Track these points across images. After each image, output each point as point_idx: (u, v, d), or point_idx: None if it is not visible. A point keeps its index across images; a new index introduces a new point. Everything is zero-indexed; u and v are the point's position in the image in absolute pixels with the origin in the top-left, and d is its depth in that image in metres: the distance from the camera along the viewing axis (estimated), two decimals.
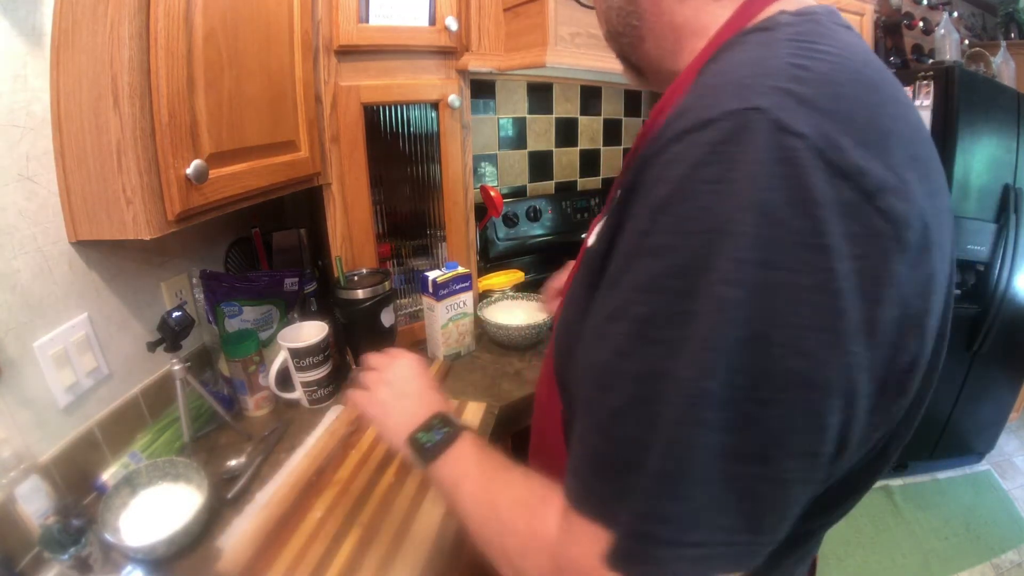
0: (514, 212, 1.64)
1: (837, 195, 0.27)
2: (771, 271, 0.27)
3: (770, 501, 0.29)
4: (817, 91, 0.29)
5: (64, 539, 0.62)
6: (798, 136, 0.27)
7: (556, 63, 1.05)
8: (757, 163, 0.27)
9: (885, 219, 0.27)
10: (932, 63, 2.13)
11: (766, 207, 0.27)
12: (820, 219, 0.26)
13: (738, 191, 0.27)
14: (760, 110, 0.28)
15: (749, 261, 0.27)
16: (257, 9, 0.81)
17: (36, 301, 0.72)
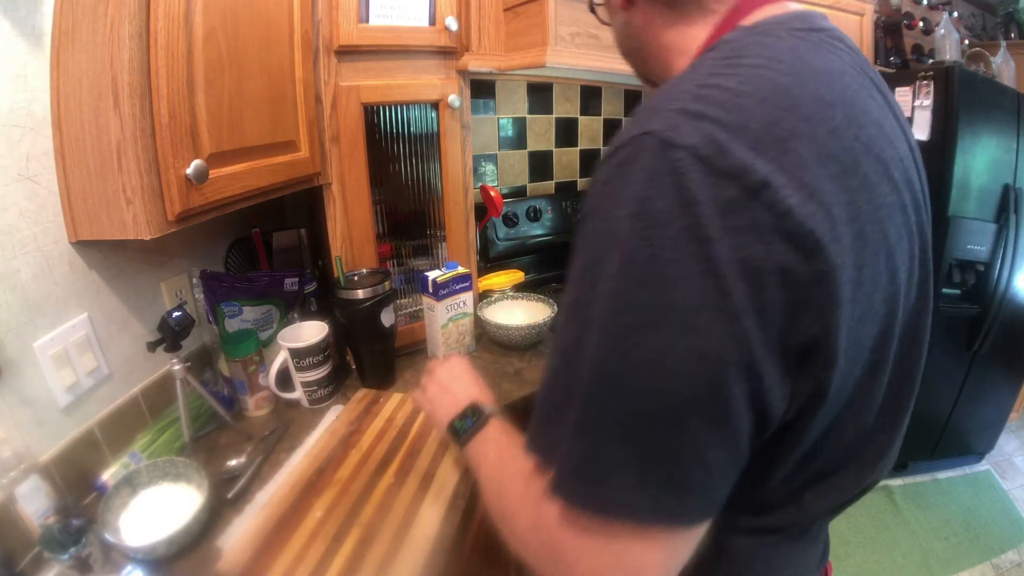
0: (514, 212, 1.64)
1: (718, 193, 0.31)
2: (659, 264, 0.31)
3: (680, 462, 0.33)
4: (713, 105, 0.33)
5: (64, 539, 0.62)
6: (683, 148, 0.31)
7: (556, 63, 1.05)
8: (644, 176, 0.32)
9: (769, 212, 0.31)
10: (932, 63, 2.13)
11: (651, 210, 0.32)
12: (699, 215, 0.31)
13: (628, 200, 0.33)
14: (650, 133, 0.33)
15: (636, 259, 0.32)
16: (257, 9, 0.81)
17: (36, 301, 0.72)
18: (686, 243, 0.31)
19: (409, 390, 1.06)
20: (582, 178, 1.95)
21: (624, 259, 0.33)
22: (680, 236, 0.31)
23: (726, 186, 0.31)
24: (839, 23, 1.73)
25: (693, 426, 0.32)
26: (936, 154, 1.77)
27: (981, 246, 1.85)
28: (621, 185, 0.33)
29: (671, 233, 0.31)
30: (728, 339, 0.31)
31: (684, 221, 0.31)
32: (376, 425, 0.95)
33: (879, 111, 0.41)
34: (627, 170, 0.33)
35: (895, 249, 0.38)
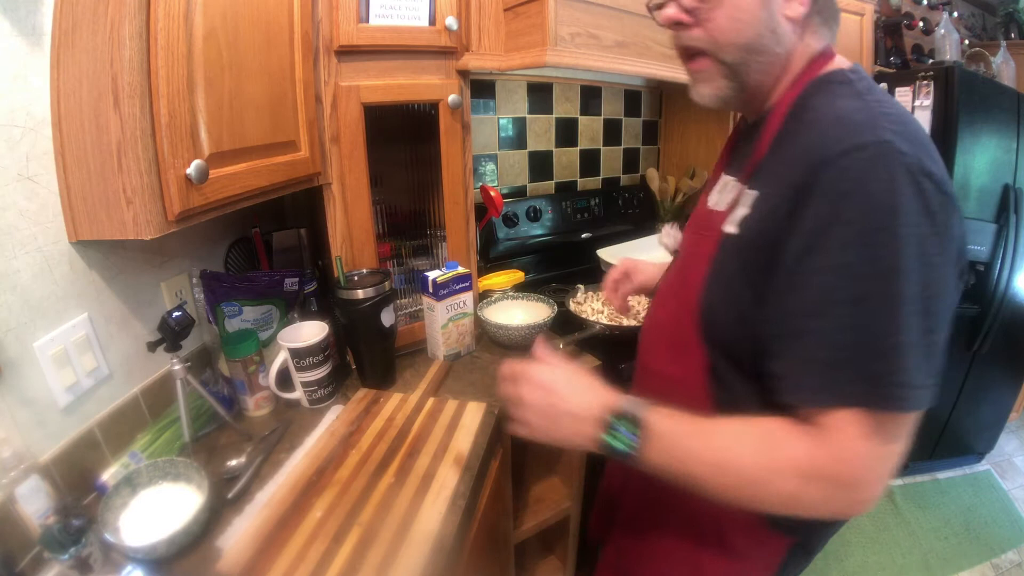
0: (514, 212, 1.64)
1: (929, 187, 0.48)
2: (920, 227, 0.47)
3: (937, 356, 0.50)
4: (904, 129, 0.50)
5: (64, 539, 0.62)
6: (907, 154, 0.48)
7: (556, 63, 1.05)
8: (898, 171, 0.48)
9: (949, 199, 0.49)
10: (932, 63, 2.13)
11: (909, 194, 0.47)
12: (928, 199, 0.48)
13: (893, 188, 0.47)
14: (889, 141, 0.48)
15: (912, 223, 0.47)
16: (257, 9, 0.81)
17: (36, 301, 0.72)
18: (925, 216, 0.47)
19: (409, 390, 1.06)
20: (582, 178, 1.96)
21: (908, 225, 0.47)
22: (922, 212, 0.48)
23: (928, 183, 0.48)
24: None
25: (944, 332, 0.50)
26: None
27: (981, 246, 1.85)
28: (880, 177, 0.48)
29: (917, 210, 0.47)
30: (949, 274, 0.50)
31: (920, 204, 0.47)
32: (376, 425, 0.95)
33: None
34: (882, 167, 0.48)
35: None
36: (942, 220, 0.48)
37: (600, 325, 1.23)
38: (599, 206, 1.84)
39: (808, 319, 0.50)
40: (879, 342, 0.48)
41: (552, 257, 1.76)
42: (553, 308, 1.28)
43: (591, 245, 1.71)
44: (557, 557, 1.48)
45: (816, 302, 0.50)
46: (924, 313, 0.47)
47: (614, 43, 1.17)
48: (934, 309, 0.48)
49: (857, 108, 0.53)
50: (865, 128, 0.50)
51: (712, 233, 0.63)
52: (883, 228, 0.47)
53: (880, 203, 0.47)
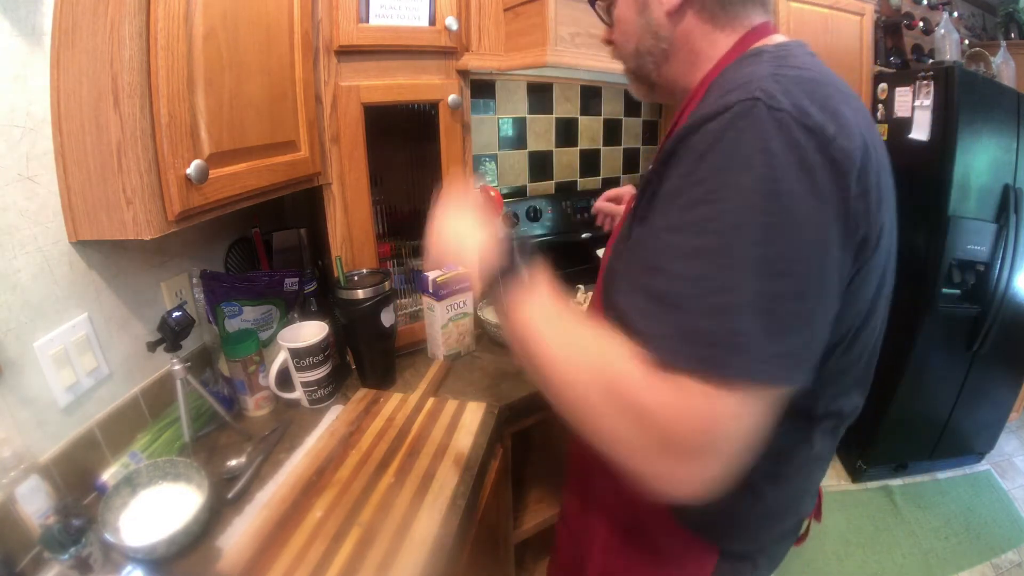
0: (514, 212, 1.64)
1: (809, 140, 0.44)
2: (780, 183, 0.43)
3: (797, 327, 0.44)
4: (789, 85, 0.46)
5: (64, 539, 0.62)
6: (781, 110, 0.44)
7: (556, 63, 1.05)
8: (761, 126, 0.44)
9: (841, 152, 0.44)
10: (932, 63, 2.13)
11: (771, 150, 0.43)
12: (804, 153, 0.43)
13: (750, 142, 0.44)
14: (757, 98, 0.45)
15: (765, 177, 0.43)
16: (257, 9, 0.81)
17: (36, 301, 0.72)
18: (797, 171, 0.43)
19: (409, 390, 1.06)
20: (582, 178, 1.95)
21: (761, 179, 0.44)
22: (793, 166, 0.43)
23: (811, 137, 0.44)
24: (839, 23, 1.74)
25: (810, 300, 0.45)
26: (936, 154, 1.77)
27: (981, 246, 1.85)
28: (740, 132, 0.45)
29: (786, 164, 0.43)
30: (827, 226, 0.44)
31: (792, 157, 0.43)
32: (376, 425, 0.95)
33: None
34: (744, 123, 0.45)
35: (892, 203, 0.52)
36: (822, 179, 0.43)
37: None
38: None
39: (650, 274, 0.47)
40: (710, 299, 0.43)
41: (552, 257, 1.75)
42: None
43: (591, 245, 1.70)
44: None
45: (659, 256, 0.47)
46: (777, 274, 0.42)
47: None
48: (791, 272, 0.43)
49: (749, 73, 0.50)
50: (739, 89, 0.47)
51: (624, 219, 0.67)
52: (733, 185, 0.44)
53: (735, 159, 0.44)
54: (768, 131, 0.44)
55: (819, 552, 1.83)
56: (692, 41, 0.60)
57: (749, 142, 0.44)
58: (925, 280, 1.84)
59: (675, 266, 0.46)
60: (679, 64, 0.62)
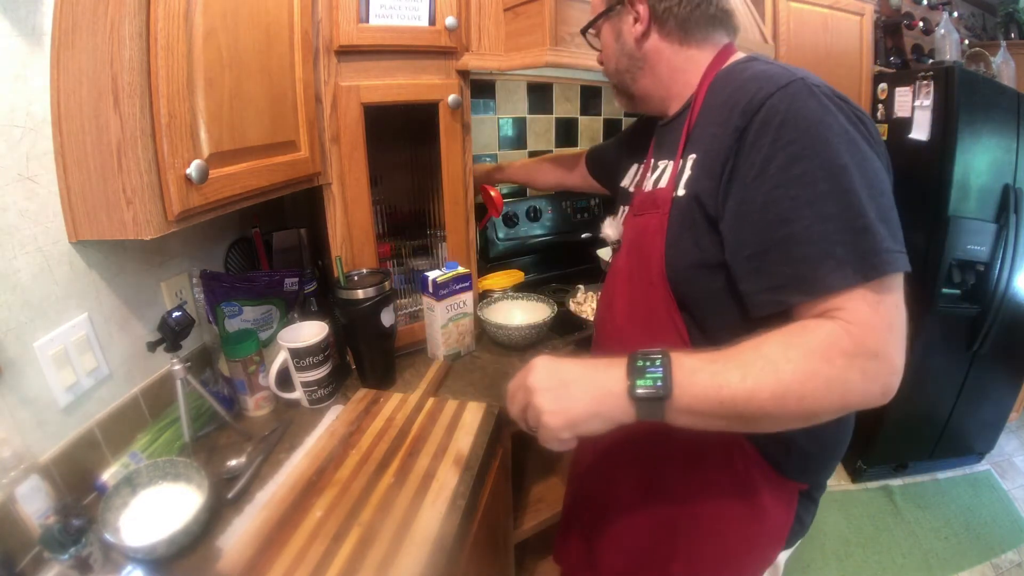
0: (514, 212, 1.64)
1: (843, 106, 0.57)
2: (849, 133, 0.55)
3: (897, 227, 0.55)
4: (806, 73, 0.59)
5: (64, 539, 0.62)
6: (820, 86, 0.58)
7: (556, 63, 1.05)
8: (815, 97, 0.56)
9: (858, 110, 0.58)
10: (932, 63, 2.13)
11: (832, 111, 0.56)
12: (846, 112, 0.57)
13: (815, 108, 0.56)
14: (800, 78, 0.58)
15: (840, 131, 0.55)
16: (257, 9, 0.81)
17: (36, 301, 0.72)
18: (849, 130, 0.55)
19: (409, 390, 1.06)
20: None
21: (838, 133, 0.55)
22: (847, 130, 0.55)
23: (845, 108, 0.57)
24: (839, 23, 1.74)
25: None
26: (936, 154, 1.77)
27: (981, 246, 1.85)
28: (802, 105, 0.56)
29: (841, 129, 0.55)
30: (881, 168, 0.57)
31: (842, 124, 0.56)
32: (376, 425, 0.95)
33: None
34: (803, 97, 0.56)
35: None
36: (864, 128, 0.57)
37: None
38: (599, 206, 1.84)
39: (782, 226, 0.55)
40: (853, 224, 0.53)
41: (552, 257, 1.76)
42: (553, 308, 1.28)
43: (591, 245, 1.70)
44: (556, 559, 1.48)
45: (786, 210, 0.55)
46: (875, 195, 0.54)
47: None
48: (880, 191, 0.55)
49: (767, 67, 0.63)
50: (780, 75, 0.59)
51: (661, 206, 0.69)
52: (820, 139, 0.54)
53: (811, 121, 0.55)
54: (821, 101, 0.56)
55: (819, 552, 1.83)
56: (666, 59, 0.73)
57: (814, 108, 0.55)
58: (925, 280, 1.84)
59: (805, 212, 0.54)
60: (655, 77, 0.75)
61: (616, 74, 0.80)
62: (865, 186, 0.53)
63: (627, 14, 0.73)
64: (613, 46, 0.78)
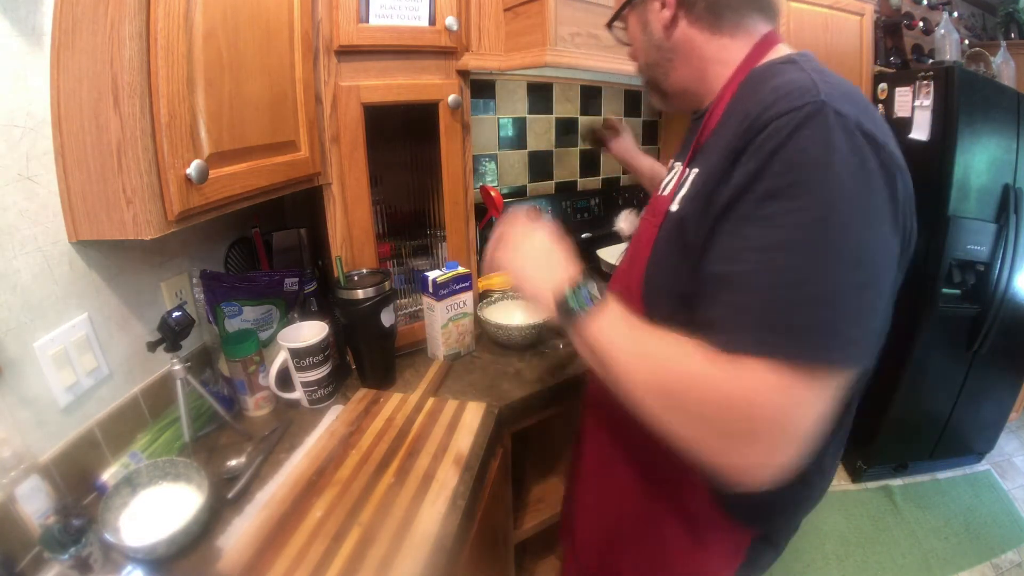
0: None
1: (867, 145, 0.48)
2: (850, 181, 0.46)
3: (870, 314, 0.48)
4: (843, 95, 0.50)
5: (64, 539, 0.62)
6: (846, 116, 0.48)
7: (556, 63, 1.05)
8: (831, 128, 0.47)
9: (890, 159, 0.49)
10: (932, 63, 2.13)
11: (840, 149, 0.47)
12: (865, 156, 0.47)
13: (822, 142, 0.47)
14: (824, 102, 0.48)
15: (839, 175, 0.46)
16: (257, 9, 0.81)
17: (36, 301, 0.72)
18: (860, 170, 0.47)
19: (409, 390, 1.06)
20: (582, 178, 1.96)
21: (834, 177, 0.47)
22: (857, 166, 0.47)
23: (865, 141, 0.48)
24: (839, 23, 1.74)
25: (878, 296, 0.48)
26: (936, 154, 1.77)
27: (981, 246, 1.85)
28: (812, 131, 0.47)
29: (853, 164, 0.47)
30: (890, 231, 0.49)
31: (856, 159, 0.47)
32: (376, 425, 0.95)
33: None
34: (815, 122, 0.47)
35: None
36: (880, 179, 0.47)
37: None
38: (599, 206, 1.84)
39: (732, 265, 0.49)
40: (801, 290, 0.45)
41: None
42: None
43: (591, 245, 1.70)
44: (557, 557, 1.48)
45: (740, 250, 0.49)
46: (855, 265, 0.45)
47: (614, 43, 1.17)
48: (868, 262, 0.46)
49: (795, 78, 0.53)
50: (801, 92, 0.49)
51: (656, 217, 0.66)
52: (812, 180, 0.46)
53: (811, 157, 0.46)
54: (837, 133, 0.47)
55: (819, 552, 1.83)
56: (697, 48, 0.65)
57: (821, 141, 0.47)
58: (925, 280, 1.84)
59: (756, 257, 0.47)
60: (688, 71, 0.68)
61: (647, 68, 0.73)
62: (848, 250, 0.45)
63: (653, 0, 0.66)
64: (641, 38, 0.71)
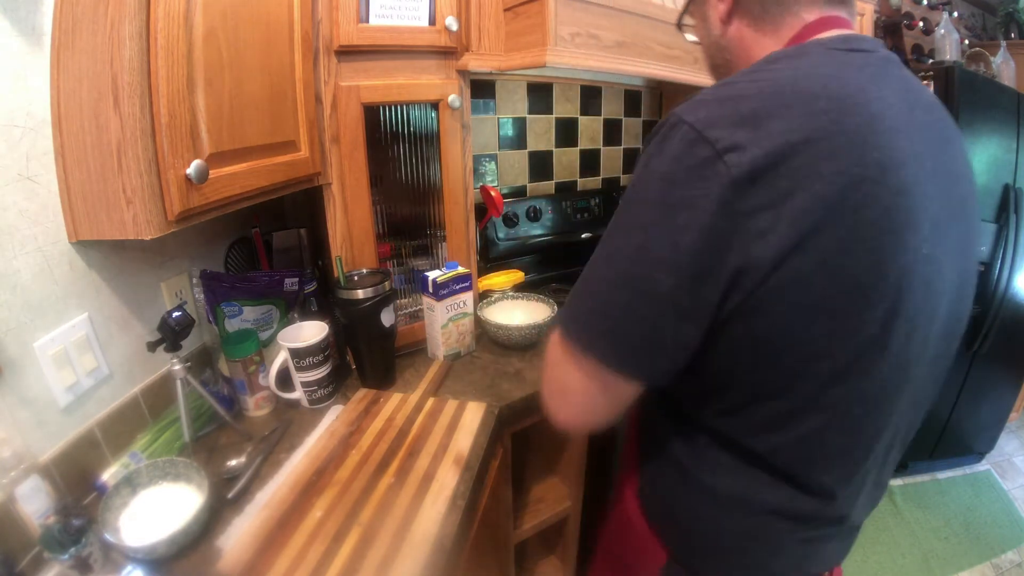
0: (514, 212, 1.64)
1: (696, 149, 0.45)
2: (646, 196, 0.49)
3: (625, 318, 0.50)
4: (717, 96, 0.48)
5: (64, 539, 0.62)
6: (685, 123, 0.47)
7: (556, 63, 1.05)
8: (668, 144, 0.48)
9: (728, 170, 0.43)
10: (932, 63, 2.13)
11: (649, 172, 0.50)
12: (678, 166, 0.46)
13: (648, 163, 0.50)
14: (676, 114, 0.48)
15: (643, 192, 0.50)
16: (257, 9, 0.81)
17: (36, 301, 0.72)
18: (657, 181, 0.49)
19: (409, 390, 1.06)
20: (582, 178, 1.95)
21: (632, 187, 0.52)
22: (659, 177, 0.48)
23: (703, 147, 0.45)
24: None
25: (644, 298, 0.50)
26: None
27: (981, 246, 1.85)
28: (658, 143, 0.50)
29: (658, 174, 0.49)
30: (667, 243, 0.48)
31: (667, 168, 0.48)
32: (376, 425, 0.95)
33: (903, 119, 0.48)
34: (661, 134, 0.50)
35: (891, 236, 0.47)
36: (683, 190, 0.45)
37: None
38: (599, 206, 1.84)
39: None
40: (580, 281, 0.55)
41: (552, 257, 1.76)
42: (553, 308, 1.28)
43: (591, 245, 1.70)
44: (557, 557, 1.48)
45: None
46: (607, 263, 0.52)
47: (614, 43, 1.17)
48: (618, 266, 0.51)
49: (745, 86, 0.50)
50: (696, 102, 0.49)
51: None
52: (624, 200, 0.53)
53: (637, 164, 0.52)
54: (675, 146, 0.47)
55: None
56: (747, 48, 0.61)
57: (649, 161, 0.50)
58: None
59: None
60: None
61: (714, 70, 0.69)
62: (608, 255, 0.53)
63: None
64: (705, 39, 0.68)
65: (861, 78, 0.48)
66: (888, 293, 0.46)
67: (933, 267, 0.49)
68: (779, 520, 0.57)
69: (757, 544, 0.60)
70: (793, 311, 0.45)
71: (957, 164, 0.54)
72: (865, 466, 0.57)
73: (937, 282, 0.50)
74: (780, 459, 0.54)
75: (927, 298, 0.49)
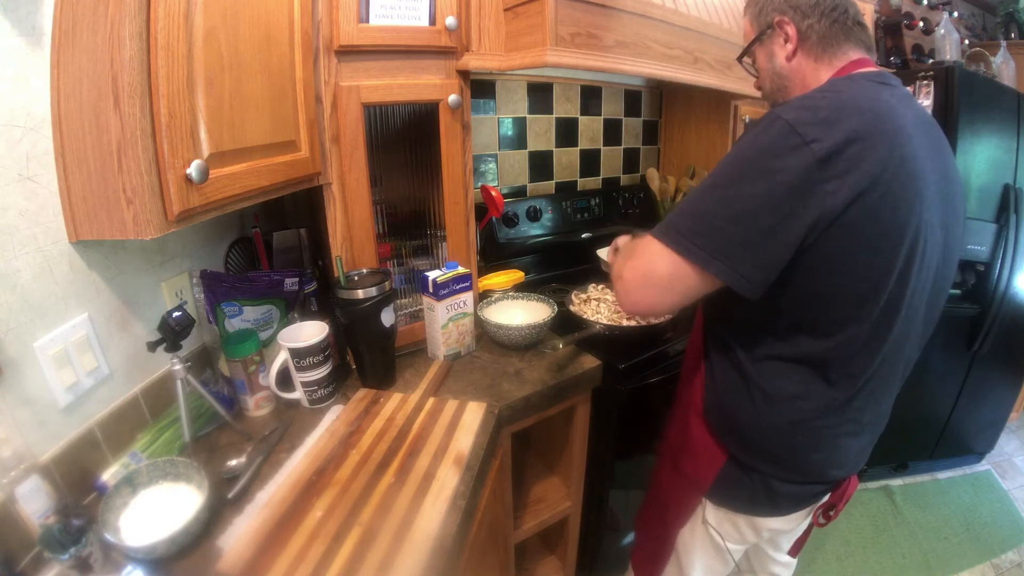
0: (514, 212, 1.64)
1: (790, 138, 0.65)
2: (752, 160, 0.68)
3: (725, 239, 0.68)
4: (803, 106, 0.69)
5: (64, 539, 0.62)
6: (783, 119, 0.67)
7: (556, 63, 1.05)
8: (770, 129, 0.67)
9: (813, 153, 0.64)
10: (932, 63, 2.13)
11: (754, 147, 0.69)
12: (778, 146, 0.66)
13: (755, 136, 0.69)
14: (776, 114, 0.68)
15: (749, 157, 0.69)
16: (257, 9, 0.81)
17: (36, 301, 0.72)
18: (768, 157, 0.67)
19: (409, 390, 1.06)
20: (582, 178, 1.96)
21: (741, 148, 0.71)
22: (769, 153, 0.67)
23: (795, 136, 0.65)
24: None
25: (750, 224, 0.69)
26: None
27: (981, 246, 1.85)
28: (754, 132, 0.70)
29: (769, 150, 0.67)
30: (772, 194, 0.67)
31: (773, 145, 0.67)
32: (376, 425, 0.95)
33: (916, 130, 0.71)
34: (764, 124, 0.69)
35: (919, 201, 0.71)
36: (782, 161, 0.65)
37: (600, 325, 1.23)
38: (599, 206, 1.84)
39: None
40: (683, 207, 0.72)
41: (552, 257, 1.76)
42: (553, 308, 1.28)
43: (591, 245, 1.70)
44: (557, 557, 1.48)
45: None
46: (716, 200, 0.68)
47: (614, 43, 1.17)
48: (731, 204, 0.67)
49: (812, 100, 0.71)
50: (784, 109, 0.69)
51: None
52: (730, 156, 0.70)
53: (740, 143, 0.70)
54: (774, 131, 0.66)
55: (819, 552, 1.83)
56: (803, 76, 0.82)
57: (757, 135, 0.68)
58: None
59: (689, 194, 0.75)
60: (800, 93, 0.82)
61: (771, 94, 0.88)
62: (711, 190, 0.69)
63: (778, 36, 0.82)
64: (767, 68, 0.86)
65: (891, 101, 0.71)
66: (907, 238, 0.69)
67: (930, 229, 0.72)
68: (818, 417, 0.78)
69: (802, 438, 0.79)
70: (848, 247, 0.67)
71: (947, 167, 0.77)
72: (880, 368, 0.76)
73: (931, 240, 0.73)
74: (826, 359, 0.74)
75: (929, 248, 0.73)
